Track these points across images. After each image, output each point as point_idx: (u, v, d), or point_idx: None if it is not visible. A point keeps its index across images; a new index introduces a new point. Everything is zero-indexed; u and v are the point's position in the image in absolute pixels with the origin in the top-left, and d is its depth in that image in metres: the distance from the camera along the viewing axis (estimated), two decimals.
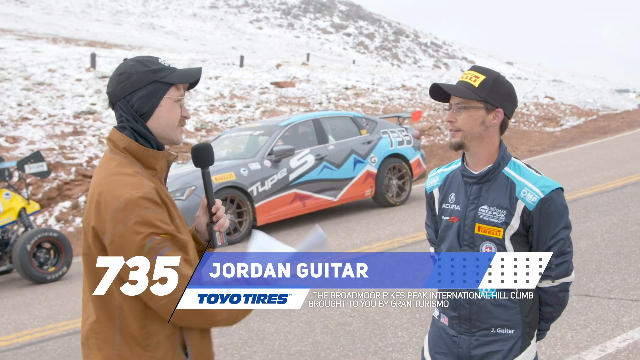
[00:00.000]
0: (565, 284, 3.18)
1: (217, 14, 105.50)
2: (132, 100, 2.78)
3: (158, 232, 2.65)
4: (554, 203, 3.12)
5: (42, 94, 22.86)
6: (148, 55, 2.87)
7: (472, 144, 3.19)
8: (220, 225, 2.96)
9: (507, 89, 3.20)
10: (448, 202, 3.33)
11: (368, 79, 35.41)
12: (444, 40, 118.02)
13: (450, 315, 3.30)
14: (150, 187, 2.71)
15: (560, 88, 39.47)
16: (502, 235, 3.17)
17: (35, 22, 68.98)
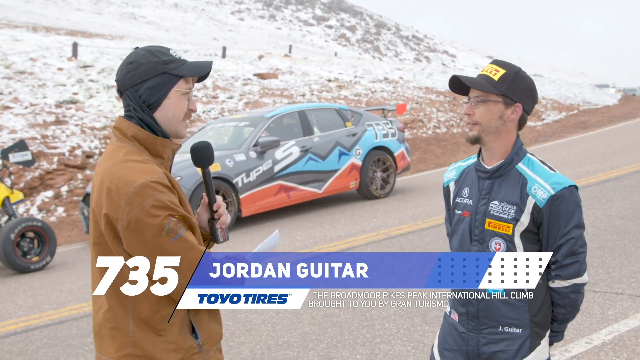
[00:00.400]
0: (577, 285, 3.12)
1: (198, 4, 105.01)
2: (141, 90, 2.79)
3: (173, 214, 2.69)
4: (565, 200, 3.07)
5: (23, 83, 22.68)
6: (159, 46, 2.87)
7: (489, 138, 3.16)
8: (222, 222, 2.99)
9: (527, 84, 3.17)
10: (462, 196, 3.31)
11: (350, 71, 35.40)
12: (425, 34, 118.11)
13: (460, 312, 3.28)
14: (162, 172, 2.74)
15: (542, 82, 39.65)
16: (512, 232, 3.13)
17: (15, 11, 68.38)
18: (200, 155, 2.99)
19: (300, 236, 11.18)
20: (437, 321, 6.88)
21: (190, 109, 2.88)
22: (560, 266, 3.11)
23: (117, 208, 2.65)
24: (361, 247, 10.08)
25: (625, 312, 6.76)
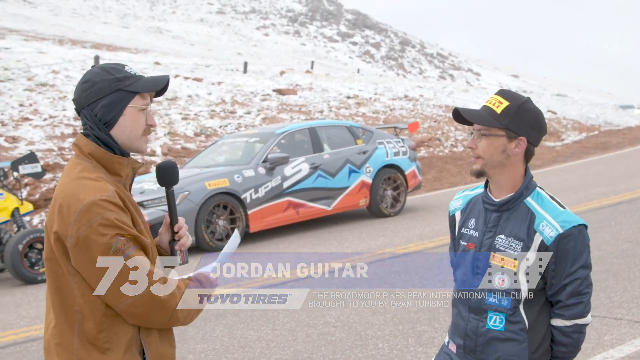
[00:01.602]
0: (579, 326, 3.06)
1: (224, 19, 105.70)
2: (96, 109, 2.79)
3: (122, 233, 2.67)
4: (573, 240, 2.99)
5: (44, 95, 22.92)
6: (115, 63, 2.87)
7: (494, 171, 3.09)
8: (182, 244, 2.98)
9: (532, 116, 3.06)
10: (467, 227, 3.23)
11: (371, 88, 35.43)
12: (450, 52, 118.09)
13: (457, 343, 3.22)
14: (113, 191, 2.73)
15: (564, 102, 39.45)
16: (517, 268, 3.05)
17: (43, 24, 69.18)
18: (164, 175, 3.01)
19: (306, 253, 11.17)
20: (431, 343, 6.85)
21: (148, 124, 2.87)
22: (563, 306, 3.04)
23: (67, 225, 2.66)
24: (365, 265, 10.03)
25: (622, 338, 6.69)
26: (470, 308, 3.17)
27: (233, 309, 8.33)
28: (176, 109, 23.54)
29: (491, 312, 3.11)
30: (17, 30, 53.81)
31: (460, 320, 3.21)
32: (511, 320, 3.09)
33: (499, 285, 3.09)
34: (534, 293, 3.08)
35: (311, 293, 8.66)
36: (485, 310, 3.12)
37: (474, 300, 3.15)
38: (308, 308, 8.18)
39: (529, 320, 3.08)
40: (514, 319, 3.09)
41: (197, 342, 7.29)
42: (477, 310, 3.15)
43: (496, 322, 3.11)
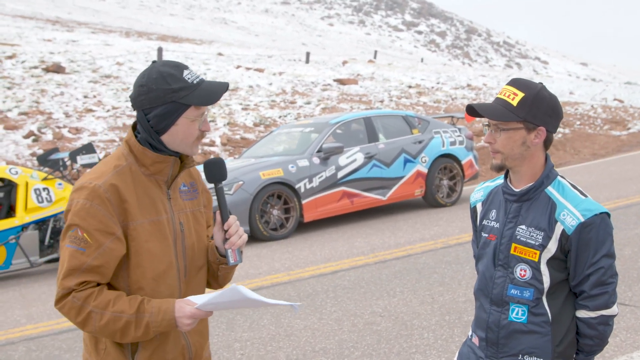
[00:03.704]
0: (605, 317, 2.99)
1: (288, 9, 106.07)
2: (149, 116, 2.83)
3: (83, 230, 2.74)
4: (595, 228, 2.93)
5: (107, 87, 23.36)
6: (175, 66, 2.84)
7: (514, 163, 3.03)
8: (232, 242, 2.94)
9: (549, 104, 2.99)
10: (488, 219, 3.17)
11: (433, 77, 35.19)
12: (517, 40, 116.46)
13: (480, 336, 3.17)
14: (108, 183, 2.78)
15: (632, 91, 38.48)
16: (538, 259, 3.00)
17: (111, 16, 70.46)
18: (212, 171, 3.01)
19: (359, 243, 11.18)
20: None
21: (202, 130, 2.89)
22: (588, 296, 2.98)
23: None
24: (417, 255, 10.02)
25: None
26: (492, 300, 3.12)
27: (282, 299, 8.39)
28: (237, 99, 23.74)
29: (513, 304, 3.06)
30: (85, 23, 54.91)
31: (483, 312, 3.17)
32: (534, 312, 3.03)
33: (520, 277, 3.04)
34: (556, 284, 3.03)
35: (360, 283, 8.70)
36: (507, 302, 3.07)
37: (496, 292, 3.11)
38: (356, 298, 8.20)
39: (552, 312, 3.03)
40: (537, 311, 3.03)
41: (245, 331, 7.36)
42: (499, 303, 3.10)
43: (518, 314, 3.05)
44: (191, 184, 3.06)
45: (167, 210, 2.92)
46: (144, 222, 2.84)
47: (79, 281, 2.73)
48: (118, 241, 2.77)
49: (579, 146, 23.53)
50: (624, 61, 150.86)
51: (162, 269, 2.87)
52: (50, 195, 11.11)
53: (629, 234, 10.17)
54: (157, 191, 2.91)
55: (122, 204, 2.80)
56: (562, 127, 25.59)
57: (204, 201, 3.12)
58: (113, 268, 2.79)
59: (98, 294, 2.73)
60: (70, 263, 2.72)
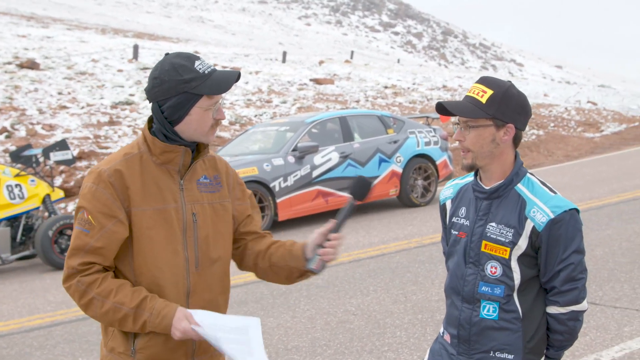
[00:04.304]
0: (575, 312, 3.02)
1: (266, 9, 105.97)
2: (163, 107, 2.88)
3: (88, 212, 2.85)
4: (565, 225, 2.95)
5: (82, 84, 23.22)
6: (186, 57, 2.90)
7: (484, 162, 3.04)
8: (325, 253, 2.98)
9: (517, 101, 3.01)
10: (458, 216, 3.18)
11: (409, 78, 35.31)
12: (493, 42, 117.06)
13: (452, 334, 3.18)
14: (113, 168, 2.87)
15: (605, 93, 38.87)
16: (509, 256, 3.01)
17: (87, 13, 70.01)
18: (358, 188, 3.08)
19: None
20: None
21: (217, 118, 2.93)
22: (558, 292, 3.01)
23: None
24: (390, 254, 10.05)
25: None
26: (463, 298, 3.13)
27: (255, 297, 8.40)
28: None
29: (484, 301, 3.07)
30: (60, 20, 54.53)
31: (454, 310, 3.17)
32: (505, 309, 3.05)
33: (491, 274, 3.05)
34: (527, 281, 3.05)
35: (333, 281, 8.70)
36: (478, 300, 3.08)
37: (467, 289, 3.11)
38: (330, 296, 8.21)
39: (523, 309, 3.05)
40: (508, 308, 3.05)
41: None
42: (470, 300, 3.10)
43: (489, 311, 3.07)
44: (215, 177, 3.09)
45: (178, 199, 2.95)
46: (148, 209, 2.89)
47: (82, 261, 2.82)
48: (120, 224, 2.85)
49: (553, 148, 23.70)
50: (598, 64, 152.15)
51: (165, 257, 2.90)
52: (23, 192, 11.03)
53: (600, 235, 10.25)
54: (169, 180, 2.95)
55: (126, 189, 2.87)
56: (536, 128, 25.78)
57: (236, 194, 3.15)
58: (114, 251, 2.87)
59: (102, 282, 2.82)
60: (74, 243, 2.85)
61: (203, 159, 3.07)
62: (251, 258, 3.18)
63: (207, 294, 3.01)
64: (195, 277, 2.97)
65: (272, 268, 3.14)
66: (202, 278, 2.99)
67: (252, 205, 3.22)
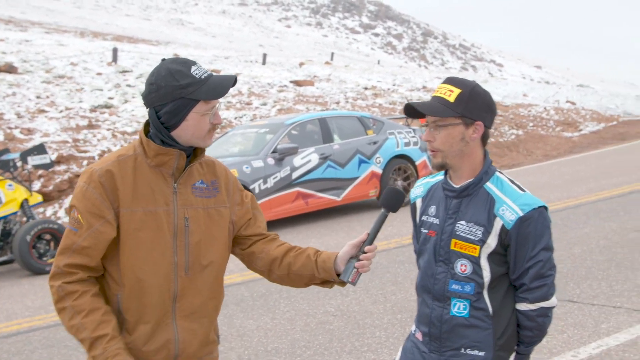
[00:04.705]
0: (544, 309, 3.05)
1: (246, 11, 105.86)
2: (160, 112, 2.89)
3: (78, 211, 2.88)
4: (534, 222, 2.98)
5: (61, 87, 23.10)
6: (183, 62, 2.91)
7: (454, 161, 3.07)
8: (362, 265, 3.00)
9: (484, 99, 3.05)
10: (428, 215, 3.21)
11: (389, 79, 35.38)
12: (473, 43, 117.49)
13: (423, 332, 3.20)
14: (105, 169, 2.89)
15: (584, 93, 39.13)
16: (478, 254, 3.04)
17: (66, 16, 69.72)
18: (390, 199, 3.08)
19: (313, 243, 11.20)
20: None
21: (213, 123, 2.94)
22: (527, 289, 3.04)
23: None
24: None
25: (618, 326, 6.66)
26: (434, 296, 3.15)
27: (235, 299, 8.39)
28: None
29: (455, 299, 3.10)
30: (39, 23, 54.29)
31: (425, 308, 3.20)
32: (475, 307, 3.07)
33: (461, 272, 3.08)
34: (497, 278, 3.07)
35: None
36: (449, 297, 3.11)
37: (437, 287, 3.14)
38: (309, 297, 8.21)
39: (493, 306, 3.07)
40: (478, 305, 3.07)
41: None
42: (441, 298, 3.13)
43: (460, 308, 3.09)
44: (212, 182, 3.09)
45: (170, 203, 2.96)
46: (138, 210, 2.90)
47: (68, 262, 2.85)
48: (108, 225, 2.87)
49: (532, 147, 23.84)
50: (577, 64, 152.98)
51: (151, 259, 2.90)
52: (0, 197, 10.96)
53: (578, 233, 10.32)
54: (162, 183, 2.96)
55: (116, 190, 2.88)
56: (515, 128, 25.92)
57: (236, 199, 3.16)
58: (101, 251, 2.88)
59: (80, 296, 2.83)
60: (64, 242, 2.88)
61: (201, 164, 3.07)
62: (265, 263, 3.19)
63: (196, 299, 3.00)
64: (184, 281, 2.96)
65: (290, 276, 3.16)
66: (192, 283, 2.99)
67: (253, 206, 3.22)
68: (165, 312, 2.94)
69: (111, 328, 2.83)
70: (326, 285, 3.16)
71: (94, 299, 2.85)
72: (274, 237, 3.25)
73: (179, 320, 2.97)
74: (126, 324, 2.92)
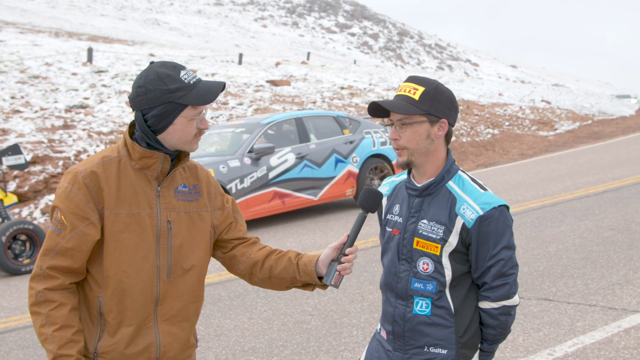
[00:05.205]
0: (507, 307, 3.07)
1: (222, 11, 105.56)
2: (147, 116, 2.88)
3: (61, 212, 2.86)
4: (494, 221, 3.00)
5: (36, 87, 22.92)
6: (172, 67, 2.89)
7: (420, 159, 3.08)
8: (344, 268, 3.01)
9: (447, 97, 3.08)
10: (392, 213, 3.22)
11: (366, 79, 35.43)
12: (449, 42, 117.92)
13: (387, 330, 3.20)
14: (89, 170, 2.88)
15: (559, 92, 39.38)
16: (440, 252, 3.05)
17: (40, 16, 69.18)
18: (367, 200, 3.07)
19: (290, 243, 11.20)
20: None
21: (200, 128, 2.93)
22: (489, 288, 3.06)
23: None
24: None
25: (594, 324, 6.71)
26: (397, 294, 3.17)
27: (212, 299, 8.37)
28: None
29: (417, 297, 3.11)
30: (13, 23, 53.80)
31: (389, 306, 3.21)
32: (437, 305, 3.09)
33: (423, 270, 3.09)
34: (458, 277, 3.09)
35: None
36: (412, 296, 3.12)
37: (400, 286, 3.15)
38: (287, 297, 8.21)
39: (455, 304, 3.09)
40: (440, 304, 3.09)
41: None
42: (404, 296, 3.14)
43: (422, 307, 3.10)
44: (194, 185, 3.09)
45: (153, 206, 2.95)
46: (121, 213, 2.89)
47: (51, 264, 2.83)
48: (92, 226, 2.86)
49: (508, 146, 23.97)
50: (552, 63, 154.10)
51: (133, 262, 2.90)
52: None
53: (554, 232, 10.39)
54: (146, 186, 2.95)
55: (100, 192, 2.87)
56: (491, 127, 26.04)
57: (217, 204, 3.15)
58: (86, 252, 2.87)
59: (56, 309, 2.81)
60: (47, 243, 2.86)
61: (184, 167, 3.07)
62: (246, 267, 3.19)
63: (177, 303, 3.00)
64: (166, 285, 2.96)
65: (272, 279, 3.16)
66: (173, 286, 2.98)
67: (234, 210, 3.22)
68: (147, 316, 2.94)
69: (76, 350, 2.81)
70: (307, 288, 3.17)
71: (70, 315, 2.83)
72: (255, 240, 3.26)
73: (161, 324, 2.97)
74: (108, 327, 2.91)
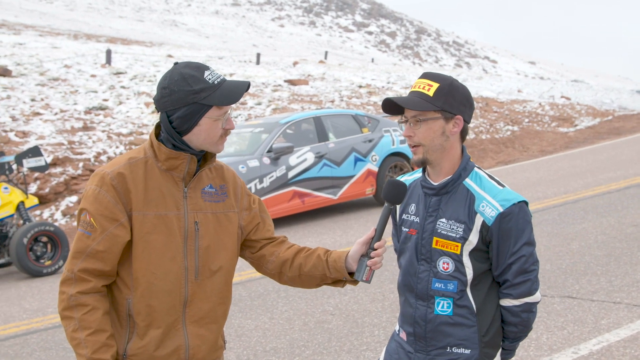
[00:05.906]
0: (528, 304, 3.04)
1: (239, 11, 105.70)
2: (172, 117, 2.87)
3: (90, 215, 2.85)
4: (514, 218, 2.97)
5: (56, 90, 23.02)
6: (196, 67, 2.88)
7: (435, 156, 3.04)
8: (374, 262, 2.99)
9: (462, 93, 3.05)
10: (408, 213, 3.17)
11: (384, 77, 35.33)
12: (466, 40, 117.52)
13: (407, 331, 3.17)
14: (116, 172, 2.87)
15: (578, 88, 39.10)
16: (460, 251, 3.02)
17: (59, 19, 69.51)
18: (391, 192, 3.04)
19: (310, 242, 11.17)
20: None
21: (226, 128, 2.92)
22: (510, 285, 3.03)
23: None
24: None
25: (618, 322, 6.64)
26: (417, 295, 3.13)
27: (233, 299, 8.35)
28: None
29: (438, 298, 3.08)
30: (32, 26, 54.12)
31: (409, 307, 3.17)
32: (459, 305, 3.06)
33: (443, 270, 3.06)
34: (479, 275, 3.06)
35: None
36: (432, 296, 3.08)
37: (420, 286, 3.11)
38: (307, 297, 8.18)
39: (477, 303, 3.06)
40: (462, 303, 3.06)
41: None
42: (424, 297, 3.10)
43: (444, 307, 3.07)
44: (221, 186, 3.07)
45: (180, 207, 2.94)
46: (149, 214, 2.89)
47: (83, 266, 2.82)
48: (122, 228, 2.85)
49: (528, 143, 23.82)
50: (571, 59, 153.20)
51: (162, 263, 2.89)
52: None
53: (576, 228, 10.30)
54: (173, 187, 2.95)
55: (128, 193, 2.87)
56: (510, 124, 25.90)
57: (244, 204, 3.13)
58: (116, 254, 2.86)
59: (90, 312, 2.80)
60: (76, 245, 2.85)
61: (210, 168, 3.05)
62: (275, 266, 3.17)
63: (205, 305, 2.98)
64: (193, 286, 2.95)
65: (302, 277, 3.15)
66: (201, 288, 2.97)
67: (261, 210, 3.20)
68: (176, 317, 2.93)
69: (110, 354, 2.81)
70: (338, 285, 3.15)
71: (103, 319, 2.83)
72: (283, 239, 3.24)
73: (189, 326, 2.96)
74: (137, 329, 2.90)
